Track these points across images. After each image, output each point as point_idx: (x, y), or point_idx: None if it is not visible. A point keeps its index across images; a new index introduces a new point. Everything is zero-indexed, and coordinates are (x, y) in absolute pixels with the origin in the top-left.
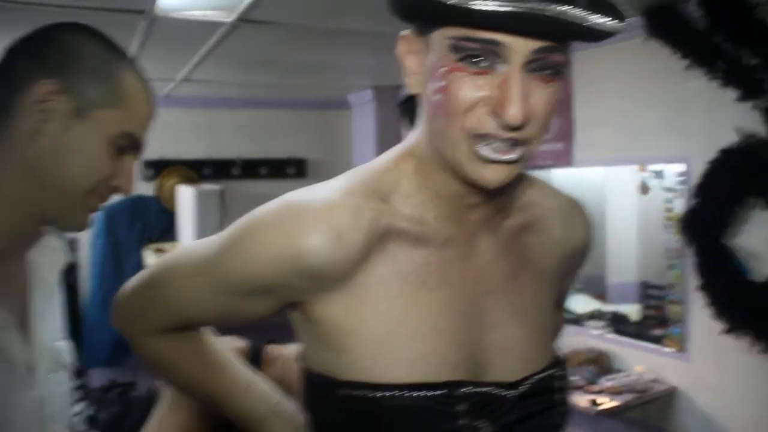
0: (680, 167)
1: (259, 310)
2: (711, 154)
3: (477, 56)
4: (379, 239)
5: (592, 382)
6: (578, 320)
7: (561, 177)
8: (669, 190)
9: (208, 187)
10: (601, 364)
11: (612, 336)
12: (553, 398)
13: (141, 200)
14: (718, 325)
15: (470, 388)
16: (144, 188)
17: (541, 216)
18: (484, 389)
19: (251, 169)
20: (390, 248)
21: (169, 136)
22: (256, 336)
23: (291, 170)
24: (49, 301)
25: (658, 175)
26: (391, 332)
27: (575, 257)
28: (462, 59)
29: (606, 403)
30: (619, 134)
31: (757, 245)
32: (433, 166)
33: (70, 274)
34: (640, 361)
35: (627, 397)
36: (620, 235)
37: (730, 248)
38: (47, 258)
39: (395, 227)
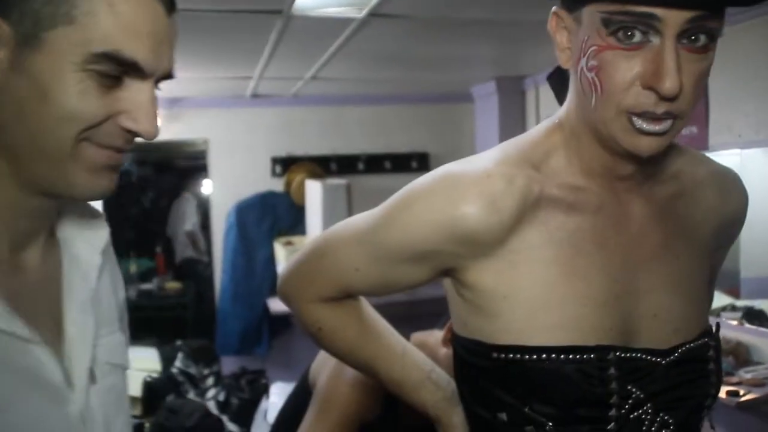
0: None
1: (415, 277)
2: None
3: (629, 29)
4: (532, 206)
5: (730, 374)
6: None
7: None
8: None
9: (335, 181)
10: (738, 356)
11: (750, 326)
12: (705, 368)
13: (271, 196)
14: None
15: (621, 353)
16: (273, 184)
17: (694, 185)
18: (635, 355)
19: (375, 163)
20: (543, 215)
21: (296, 134)
22: (402, 326)
23: (414, 164)
24: (90, 287)
25: None
26: (545, 296)
27: (730, 228)
28: (613, 32)
29: (747, 394)
30: (758, 115)
31: None
32: (583, 138)
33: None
34: None
35: None
36: (756, 227)
37: None
38: (85, 235)
39: (547, 194)
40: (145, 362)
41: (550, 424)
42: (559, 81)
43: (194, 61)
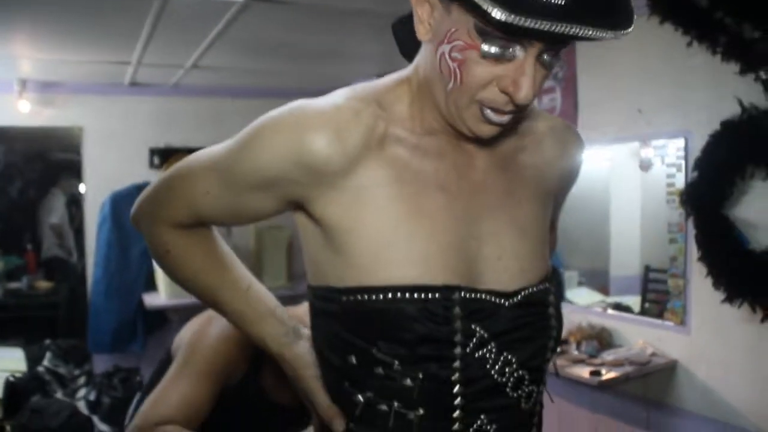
0: (682, 142)
1: (263, 206)
2: (712, 128)
3: (503, 45)
4: (378, 143)
5: (594, 356)
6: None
7: None
8: (671, 165)
9: None
10: (602, 340)
11: (613, 312)
12: (546, 312)
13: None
14: (718, 297)
15: (466, 293)
16: (151, 176)
17: (535, 139)
18: (479, 296)
19: None
20: (388, 153)
21: (176, 125)
22: None
23: None
24: None
25: (661, 151)
26: (390, 232)
27: (568, 177)
28: (485, 41)
29: (608, 374)
30: (623, 112)
31: (757, 216)
32: (427, 103)
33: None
34: (641, 337)
35: (628, 369)
36: (623, 229)
37: (730, 219)
38: None
39: (393, 133)
40: (8, 363)
41: (397, 363)
42: (404, 32)
43: (68, 41)
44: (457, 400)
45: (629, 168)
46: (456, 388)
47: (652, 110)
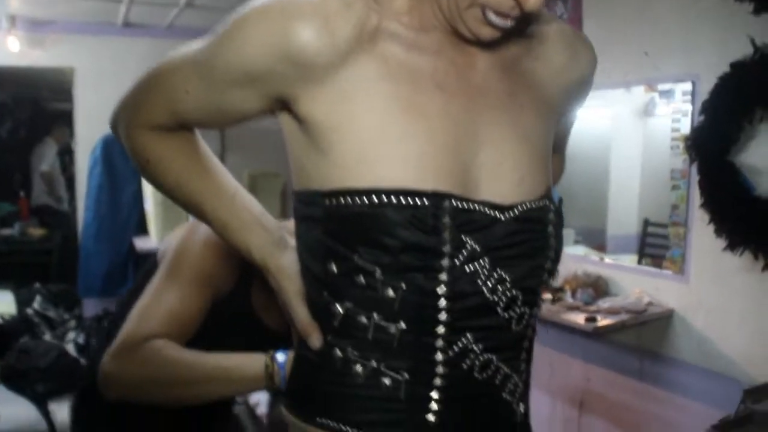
0: (689, 86)
1: (247, 105)
2: (722, 71)
3: None
4: (370, 36)
5: (590, 304)
6: None
7: None
8: (677, 111)
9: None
10: (598, 289)
11: (610, 261)
12: (545, 230)
13: None
14: (719, 245)
15: (458, 202)
16: None
17: (542, 44)
18: (473, 206)
19: None
20: (381, 48)
21: None
22: None
23: None
24: None
25: (667, 95)
26: (379, 130)
27: (578, 89)
28: None
29: (603, 321)
30: (629, 56)
31: (764, 161)
32: (427, 3)
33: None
34: (638, 286)
35: (623, 317)
36: (622, 187)
37: (736, 165)
38: None
39: (387, 28)
40: None
41: (379, 271)
42: None
43: None
44: (443, 316)
45: (631, 125)
46: (441, 303)
47: (659, 53)
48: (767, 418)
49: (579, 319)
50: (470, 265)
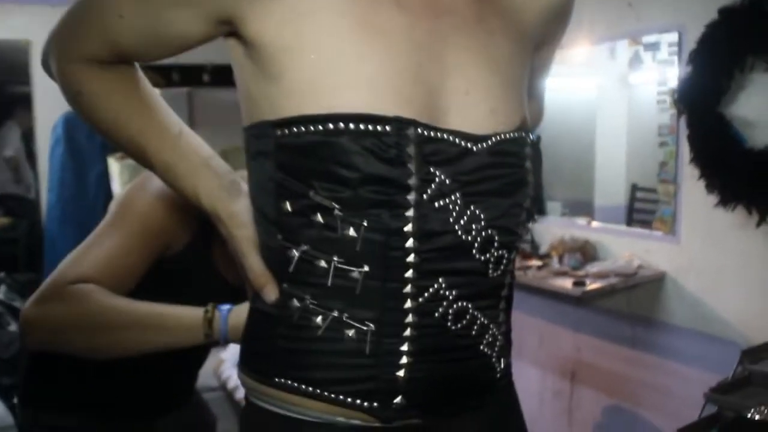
0: (675, 37)
1: (191, 29)
2: (710, 19)
3: None
4: None
5: (577, 268)
6: None
7: (550, 94)
8: (663, 62)
9: (174, 90)
10: (586, 253)
11: (598, 225)
12: (522, 165)
13: None
14: (710, 202)
15: (424, 130)
16: None
17: None
18: (441, 135)
19: (223, 75)
20: None
21: None
22: None
23: None
24: None
25: (652, 47)
26: (334, 50)
27: (555, 17)
28: None
29: (592, 284)
30: (611, 7)
31: (756, 112)
32: None
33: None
34: (628, 249)
35: (613, 281)
36: (609, 158)
37: (726, 117)
38: None
39: None
40: None
41: (338, 207)
42: None
43: None
44: (411, 257)
45: (616, 92)
46: (409, 243)
47: (643, 3)
48: (766, 378)
49: (567, 284)
50: (440, 200)
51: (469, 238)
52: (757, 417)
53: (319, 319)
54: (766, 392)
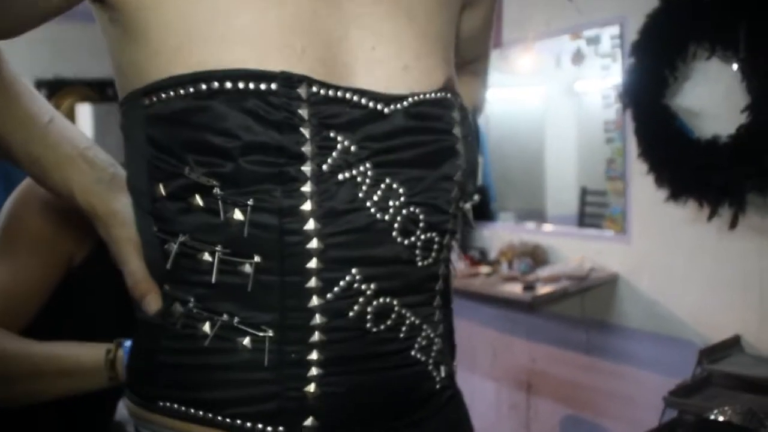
0: (617, 30)
1: None
2: (650, 8)
3: None
4: None
5: (527, 273)
6: None
7: (497, 106)
8: (606, 55)
9: (109, 106)
10: (536, 257)
11: (549, 228)
12: (450, 131)
13: None
14: (660, 197)
15: (321, 89)
16: None
17: None
18: (343, 95)
19: None
20: None
21: (66, 54)
22: None
23: None
24: None
25: (594, 41)
26: (205, 1)
27: None
28: None
29: (542, 289)
30: (551, 2)
31: (700, 102)
32: None
33: None
34: (579, 253)
35: (565, 284)
36: (560, 167)
37: (672, 109)
38: None
39: None
40: None
41: (218, 186)
42: None
43: None
44: (313, 243)
45: (563, 99)
46: (308, 224)
47: None
48: (727, 377)
49: (517, 289)
50: (345, 172)
51: (386, 217)
52: (720, 418)
53: (206, 326)
54: (727, 392)
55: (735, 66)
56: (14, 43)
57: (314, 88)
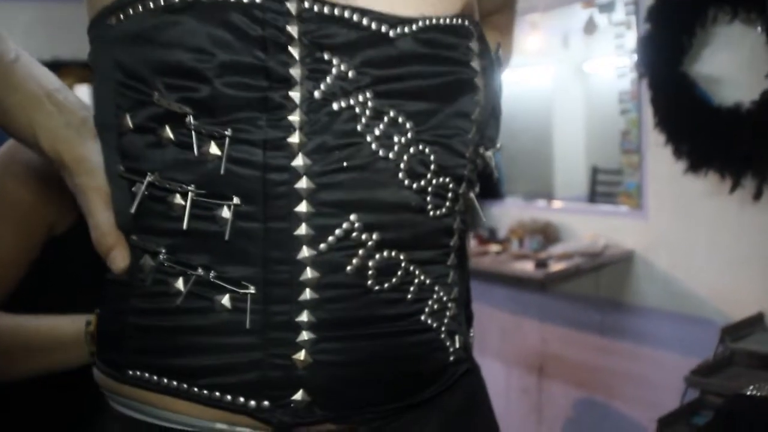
0: None
1: None
2: None
3: None
4: None
5: (538, 251)
6: None
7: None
8: (620, 24)
9: None
10: (548, 235)
11: (560, 204)
12: (467, 63)
13: None
14: (679, 169)
15: (314, 4)
16: None
17: None
18: (341, 13)
19: None
20: None
21: (63, 34)
22: None
23: None
24: None
25: (607, 8)
26: None
27: None
28: None
29: (554, 267)
30: None
31: (721, 68)
32: None
33: None
34: (592, 230)
35: (578, 261)
36: (568, 148)
37: (690, 76)
38: None
39: None
40: None
41: (191, 114)
42: None
43: None
44: (302, 183)
45: (571, 80)
46: (297, 160)
47: None
48: (751, 356)
49: (528, 267)
50: (341, 100)
51: (390, 155)
52: (757, 394)
53: (178, 282)
54: (751, 371)
55: (759, 29)
56: (12, 23)
57: (306, 4)
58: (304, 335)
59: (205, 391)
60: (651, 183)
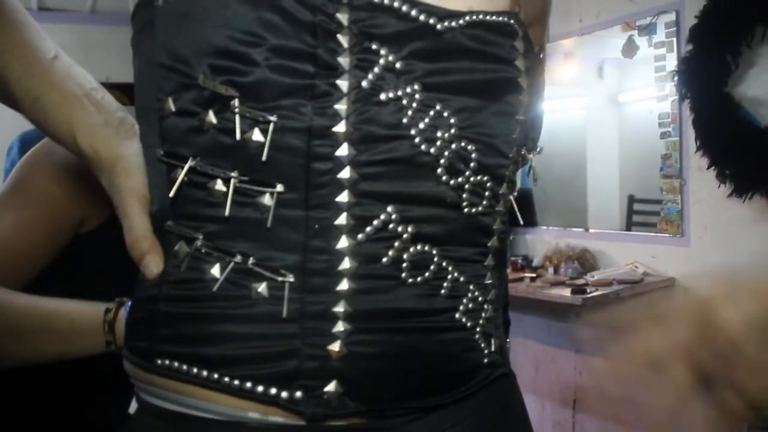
0: (673, 17)
1: None
2: None
3: None
4: None
5: (575, 278)
6: None
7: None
8: (660, 45)
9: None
10: (584, 263)
11: (596, 231)
12: (512, 62)
13: None
14: (722, 194)
15: None
16: None
17: None
18: (390, 2)
19: None
20: None
21: (96, 57)
22: None
23: None
24: None
25: (647, 30)
26: None
27: None
28: None
29: (593, 293)
30: None
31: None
32: None
33: None
34: (631, 258)
35: (617, 288)
36: (602, 183)
37: (735, 98)
38: None
39: None
40: None
41: (237, 98)
42: None
43: None
44: (345, 172)
45: (606, 112)
46: (342, 149)
47: None
48: None
49: (564, 293)
50: (389, 92)
51: (432, 149)
52: None
53: (215, 268)
54: None
55: None
56: None
57: None
58: (340, 326)
59: (236, 382)
60: (693, 209)
